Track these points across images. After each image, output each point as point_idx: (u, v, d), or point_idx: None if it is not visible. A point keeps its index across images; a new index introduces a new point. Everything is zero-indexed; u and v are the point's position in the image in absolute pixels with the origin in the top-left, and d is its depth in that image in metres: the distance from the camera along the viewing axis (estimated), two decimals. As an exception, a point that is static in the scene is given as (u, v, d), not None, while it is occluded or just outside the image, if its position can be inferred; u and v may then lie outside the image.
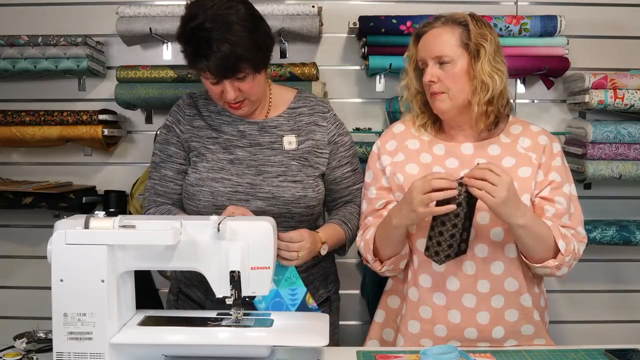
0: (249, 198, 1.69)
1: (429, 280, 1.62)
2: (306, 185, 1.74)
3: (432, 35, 1.63)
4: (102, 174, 2.52)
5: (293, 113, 1.80)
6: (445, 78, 1.59)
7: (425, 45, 1.63)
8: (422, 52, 1.64)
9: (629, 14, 2.47)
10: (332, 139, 1.81)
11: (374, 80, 2.46)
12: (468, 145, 1.66)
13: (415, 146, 1.69)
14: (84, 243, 1.31)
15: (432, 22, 1.65)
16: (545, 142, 1.66)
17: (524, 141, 1.66)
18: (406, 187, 1.59)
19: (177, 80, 2.33)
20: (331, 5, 2.42)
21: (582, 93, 2.33)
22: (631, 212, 2.52)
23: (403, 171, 1.66)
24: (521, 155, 1.63)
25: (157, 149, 1.81)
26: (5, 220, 2.53)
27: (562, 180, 1.62)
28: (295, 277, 1.64)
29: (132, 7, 2.32)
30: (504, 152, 1.65)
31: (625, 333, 2.54)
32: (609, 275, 2.56)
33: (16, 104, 2.45)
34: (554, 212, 1.58)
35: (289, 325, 1.45)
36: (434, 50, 1.61)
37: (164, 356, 1.36)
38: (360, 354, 1.50)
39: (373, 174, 1.73)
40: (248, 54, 1.59)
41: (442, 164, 1.64)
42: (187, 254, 1.37)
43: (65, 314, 1.31)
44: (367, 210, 1.72)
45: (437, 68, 1.60)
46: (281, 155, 1.75)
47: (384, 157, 1.71)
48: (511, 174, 1.55)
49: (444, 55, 1.59)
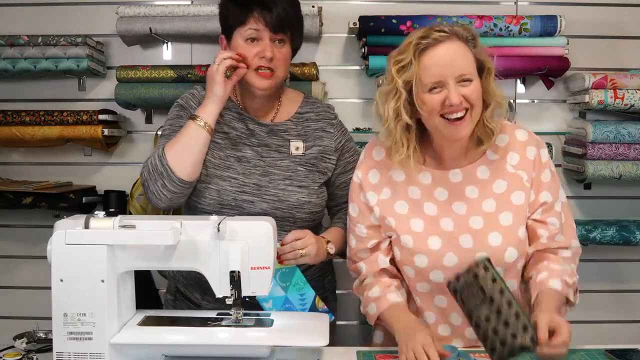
0: (255, 199, 1.70)
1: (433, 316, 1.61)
2: (311, 191, 1.74)
3: (448, 50, 1.44)
4: (102, 174, 2.51)
5: (301, 118, 1.81)
6: (470, 96, 1.44)
7: (441, 61, 1.43)
8: (436, 71, 1.43)
9: (629, 14, 2.47)
10: (339, 146, 1.82)
11: (374, 80, 2.46)
12: (456, 171, 1.56)
13: (401, 178, 1.58)
14: (84, 243, 1.31)
15: (433, 34, 1.45)
16: (533, 155, 1.56)
17: (513, 157, 1.56)
18: (399, 231, 1.55)
19: (177, 80, 2.33)
20: (331, 5, 2.41)
21: (582, 93, 2.33)
22: (631, 212, 2.51)
23: (392, 212, 1.57)
24: (512, 177, 1.55)
25: (167, 124, 1.80)
26: (5, 220, 2.53)
27: (553, 199, 1.55)
28: (303, 282, 1.64)
29: (132, 7, 2.32)
30: (493, 174, 1.55)
31: (625, 333, 2.54)
32: (609, 275, 2.56)
33: (16, 104, 2.45)
34: (547, 235, 1.55)
35: (289, 325, 1.45)
36: (457, 68, 1.43)
37: (164, 356, 1.36)
38: (360, 354, 1.50)
39: (359, 209, 1.61)
40: (296, 23, 1.73)
41: (431, 198, 1.55)
42: (187, 254, 1.37)
43: (65, 314, 1.31)
44: (358, 247, 1.63)
45: (459, 87, 1.43)
46: (288, 160, 1.76)
47: (369, 194, 1.59)
48: (504, 202, 1.53)
49: (467, 73, 1.44)
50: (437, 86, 1.44)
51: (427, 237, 1.54)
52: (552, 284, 1.48)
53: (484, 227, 1.52)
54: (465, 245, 1.52)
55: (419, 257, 1.54)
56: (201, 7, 2.29)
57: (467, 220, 1.53)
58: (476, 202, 1.54)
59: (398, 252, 1.58)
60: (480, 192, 1.54)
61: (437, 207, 1.55)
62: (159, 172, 1.63)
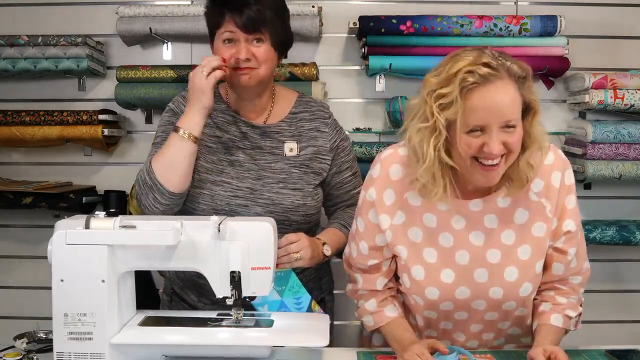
0: (249, 204, 1.69)
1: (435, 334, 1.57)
2: (306, 194, 1.73)
3: (499, 92, 1.29)
4: (102, 174, 2.52)
5: (294, 119, 1.79)
6: (511, 144, 1.31)
7: (488, 105, 1.28)
8: (481, 115, 1.28)
9: (629, 14, 2.47)
10: (334, 145, 1.80)
11: (374, 80, 2.46)
12: (477, 201, 1.44)
13: (417, 202, 1.46)
14: (85, 243, 1.31)
15: (482, 71, 1.28)
16: (558, 181, 1.44)
17: (537, 184, 1.44)
18: (410, 262, 1.47)
19: (177, 80, 2.33)
20: (331, 5, 2.42)
21: (582, 93, 2.33)
22: (631, 212, 2.52)
23: (405, 240, 1.48)
24: (534, 206, 1.44)
25: (159, 131, 1.78)
26: (5, 220, 2.53)
27: (577, 229, 1.46)
28: (299, 286, 1.63)
29: (132, 7, 2.32)
30: (514, 202, 1.44)
31: (625, 333, 2.54)
32: (609, 275, 2.56)
33: (16, 104, 2.45)
34: (564, 268, 1.48)
35: (289, 325, 1.45)
36: (504, 113, 1.29)
37: (164, 356, 1.36)
38: (360, 354, 1.50)
39: (365, 226, 1.51)
40: (274, 21, 1.67)
41: (448, 227, 1.45)
42: (187, 254, 1.37)
43: (65, 314, 1.31)
44: (357, 260, 1.56)
45: (501, 133, 1.30)
46: (282, 162, 1.74)
47: (382, 216, 1.48)
48: (524, 234, 1.44)
49: (513, 119, 1.30)
50: (479, 129, 1.31)
51: (441, 270, 1.46)
52: (554, 320, 1.46)
53: (501, 262, 1.44)
54: (479, 280, 1.45)
55: (430, 289, 1.47)
56: (201, 7, 2.27)
57: (484, 253, 1.45)
58: (495, 233, 1.45)
59: (407, 282, 1.50)
60: (500, 222, 1.45)
61: (454, 238, 1.45)
62: (149, 187, 1.63)
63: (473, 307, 1.48)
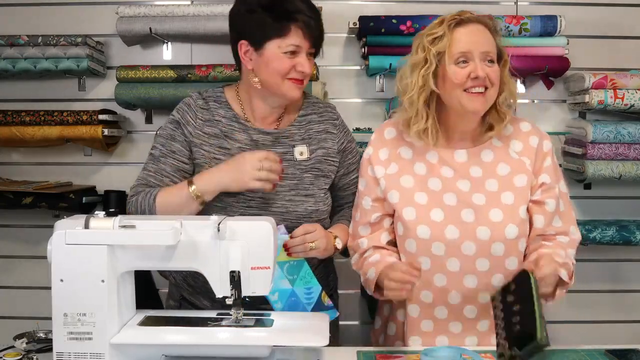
0: (262, 212, 1.68)
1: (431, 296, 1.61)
2: (318, 199, 1.74)
3: (477, 30, 1.57)
4: (102, 174, 2.52)
5: (303, 121, 1.79)
6: (492, 76, 1.55)
7: (471, 38, 1.56)
8: (465, 44, 1.54)
9: (629, 14, 2.47)
10: (342, 147, 1.81)
11: (374, 80, 2.46)
12: (462, 152, 1.63)
13: (409, 155, 1.66)
14: (84, 243, 1.31)
15: (466, 14, 1.59)
16: (536, 143, 1.64)
17: (516, 144, 1.64)
18: (402, 204, 1.60)
19: (177, 80, 2.33)
20: (331, 5, 2.41)
21: (582, 93, 2.33)
22: (631, 212, 2.52)
23: (398, 185, 1.63)
24: (515, 162, 1.62)
25: (159, 142, 1.76)
26: (5, 220, 2.53)
27: (552, 182, 1.61)
28: (310, 276, 1.65)
29: (132, 7, 2.32)
30: (497, 158, 1.63)
31: (625, 333, 2.54)
32: (609, 275, 2.56)
33: (16, 104, 2.45)
34: (544, 220, 1.59)
35: (289, 325, 1.45)
36: (483, 45, 1.56)
37: (164, 356, 1.36)
38: (360, 354, 1.50)
39: (366, 183, 1.69)
40: (323, 35, 1.72)
41: (437, 174, 1.62)
42: (187, 254, 1.37)
43: (65, 314, 1.31)
44: (361, 221, 1.69)
45: (484, 64, 1.55)
46: (293, 168, 1.74)
47: (377, 168, 1.66)
48: (506, 184, 1.60)
49: (491, 52, 1.57)
50: (464, 60, 1.54)
51: (430, 210, 1.59)
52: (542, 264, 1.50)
53: (486, 204, 1.57)
54: (466, 219, 1.57)
55: (421, 228, 1.58)
56: (201, 7, 2.29)
57: (469, 196, 1.59)
58: (480, 180, 1.60)
59: (400, 228, 1.62)
60: (484, 172, 1.61)
61: (442, 183, 1.61)
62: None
63: (463, 252, 1.56)
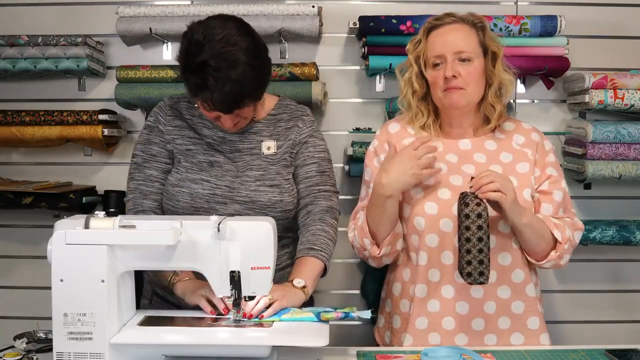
0: (227, 201, 1.70)
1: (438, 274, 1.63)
2: (283, 190, 1.74)
3: (451, 30, 1.64)
4: (102, 174, 2.52)
5: (273, 119, 1.80)
6: (465, 75, 1.61)
7: (444, 39, 1.64)
8: (438, 47, 1.64)
9: (629, 14, 2.47)
10: (304, 139, 1.80)
11: (374, 80, 2.46)
12: (465, 141, 1.71)
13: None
14: (84, 243, 1.31)
15: (444, 18, 1.66)
16: (537, 139, 1.72)
17: (518, 138, 1.72)
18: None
19: (177, 80, 2.33)
20: (331, 5, 2.42)
21: (582, 93, 2.33)
22: (631, 212, 2.51)
23: None
24: (517, 152, 1.69)
25: (138, 149, 1.78)
26: (5, 220, 2.53)
27: (558, 175, 1.69)
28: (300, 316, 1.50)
29: (132, 7, 2.32)
30: (500, 147, 1.70)
31: (626, 333, 2.54)
32: (609, 275, 2.56)
33: (16, 104, 2.45)
34: (551, 208, 1.64)
35: (289, 325, 1.45)
36: (455, 45, 1.62)
37: (164, 356, 1.36)
38: (360, 354, 1.50)
39: (372, 171, 1.75)
40: (252, 91, 1.61)
41: (442, 159, 1.68)
42: (187, 254, 1.37)
43: (65, 314, 1.31)
44: (364, 204, 1.73)
45: (457, 64, 1.61)
46: (259, 160, 1.75)
47: (382, 156, 1.72)
48: (509, 170, 1.64)
49: (465, 51, 1.62)
50: (440, 62, 1.63)
51: (438, 189, 1.65)
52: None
53: None
54: None
55: (429, 205, 1.63)
56: (201, 7, 2.29)
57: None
58: (484, 165, 1.66)
59: (408, 208, 1.67)
60: (488, 159, 1.68)
61: (448, 167, 1.67)
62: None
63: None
